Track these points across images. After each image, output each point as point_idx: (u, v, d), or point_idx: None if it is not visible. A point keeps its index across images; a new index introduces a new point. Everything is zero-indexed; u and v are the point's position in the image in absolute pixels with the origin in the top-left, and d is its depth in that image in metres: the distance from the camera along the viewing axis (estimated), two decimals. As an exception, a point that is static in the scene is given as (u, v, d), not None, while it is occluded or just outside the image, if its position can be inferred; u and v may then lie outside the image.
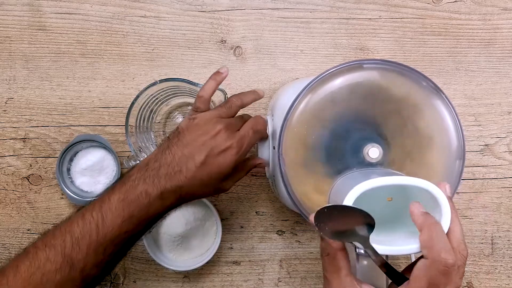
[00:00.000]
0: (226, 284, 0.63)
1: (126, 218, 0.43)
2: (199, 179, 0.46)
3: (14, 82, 0.63)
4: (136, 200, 0.44)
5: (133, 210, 0.44)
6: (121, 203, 0.44)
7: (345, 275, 0.41)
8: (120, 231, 0.44)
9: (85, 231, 0.43)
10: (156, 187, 0.44)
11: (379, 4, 0.63)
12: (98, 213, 0.44)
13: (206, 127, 0.47)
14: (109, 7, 0.63)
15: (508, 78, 0.64)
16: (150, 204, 0.44)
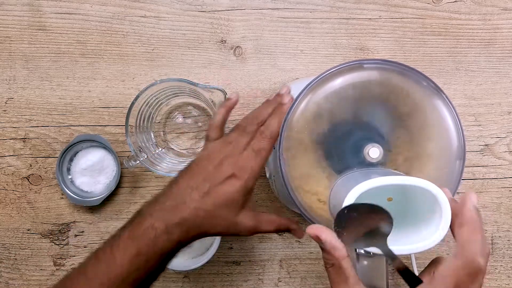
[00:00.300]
0: (226, 284, 0.63)
1: (134, 255, 0.42)
2: (204, 209, 0.43)
3: (14, 82, 0.63)
4: (142, 235, 0.42)
5: (140, 247, 0.42)
6: (129, 240, 0.42)
7: (354, 283, 0.39)
8: (130, 269, 0.42)
9: (97, 270, 0.42)
10: (161, 221, 0.43)
11: (379, 4, 0.63)
12: (109, 251, 0.42)
13: (212, 157, 0.46)
14: (109, 7, 0.63)
15: (508, 78, 0.64)
16: (156, 238, 0.42)
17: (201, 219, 0.43)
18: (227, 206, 0.44)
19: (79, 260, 0.62)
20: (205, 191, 0.43)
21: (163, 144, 0.63)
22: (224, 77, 0.63)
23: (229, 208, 0.44)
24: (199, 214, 0.43)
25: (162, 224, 0.42)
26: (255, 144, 0.46)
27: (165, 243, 0.43)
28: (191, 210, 0.43)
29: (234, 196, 0.44)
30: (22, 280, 0.62)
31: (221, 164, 0.44)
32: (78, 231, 0.63)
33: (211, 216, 0.44)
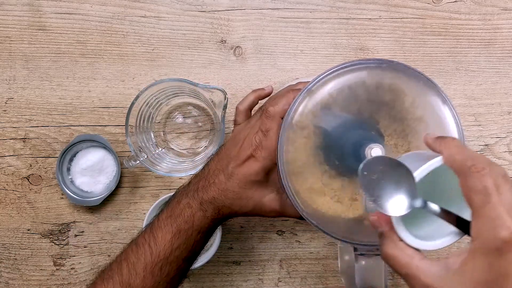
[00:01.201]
0: (226, 284, 0.63)
1: (175, 232, 0.44)
2: (231, 190, 0.46)
3: (14, 82, 0.63)
4: (180, 214, 0.45)
5: (179, 224, 0.45)
6: (168, 219, 0.45)
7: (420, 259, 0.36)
8: (172, 247, 0.44)
9: (139, 254, 0.44)
10: (196, 199, 0.46)
11: (379, 4, 0.63)
12: (149, 234, 0.45)
13: (236, 139, 0.48)
14: (109, 7, 0.63)
15: (508, 78, 0.64)
16: (193, 215, 0.45)
17: (230, 200, 0.46)
18: (251, 186, 0.46)
19: (79, 260, 0.62)
20: (229, 173, 0.46)
21: (163, 144, 0.63)
22: (224, 77, 0.63)
23: (252, 188, 0.46)
24: (227, 195, 0.46)
25: (197, 202, 0.46)
26: (262, 124, 0.47)
27: (201, 219, 0.45)
28: (220, 191, 0.46)
29: (254, 176, 0.46)
30: (22, 280, 0.62)
31: (242, 146, 0.46)
32: (78, 231, 0.63)
33: (238, 197, 0.46)
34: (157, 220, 0.46)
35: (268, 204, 0.47)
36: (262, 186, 0.47)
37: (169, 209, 0.46)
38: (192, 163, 0.60)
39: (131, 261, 0.44)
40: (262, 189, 0.47)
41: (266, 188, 0.47)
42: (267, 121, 0.46)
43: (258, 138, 0.46)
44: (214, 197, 0.46)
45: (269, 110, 0.46)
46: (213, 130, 0.63)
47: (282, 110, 0.46)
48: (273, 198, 0.47)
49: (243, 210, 0.47)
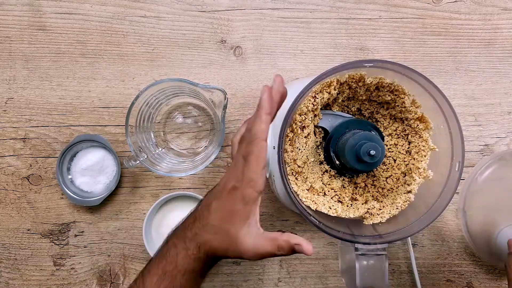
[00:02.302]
0: (226, 284, 0.63)
1: (160, 274, 0.43)
2: (212, 224, 0.42)
3: (14, 82, 0.63)
4: (166, 254, 0.43)
5: (164, 265, 0.43)
6: (156, 260, 0.44)
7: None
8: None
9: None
10: (181, 238, 0.44)
11: (379, 4, 0.63)
12: (140, 278, 0.44)
13: (226, 173, 0.45)
14: (109, 7, 0.63)
15: (508, 78, 0.64)
16: (176, 255, 0.43)
17: (210, 235, 0.42)
18: (230, 219, 0.42)
19: (79, 260, 0.62)
20: (214, 207, 0.43)
21: (163, 144, 0.63)
22: (224, 77, 0.63)
23: (232, 221, 0.42)
24: (208, 229, 0.43)
25: (182, 240, 0.43)
26: (242, 150, 0.42)
27: (185, 259, 0.43)
28: (201, 226, 0.43)
29: (234, 207, 0.42)
30: (22, 280, 0.62)
31: (228, 178, 0.43)
32: (78, 231, 0.63)
33: (216, 231, 0.42)
34: (150, 261, 0.45)
35: (244, 239, 0.41)
36: (240, 219, 0.42)
37: (160, 249, 0.45)
38: (192, 163, 0.60)
39: None
40: (240, 222, 0.42)
41: (244, 222, 0.42)
42: (248, 147, 0.41)
43: (239, 167, 0.42)
44: (196, 233, 0.43)
45: (249, 136, 0.41)
46: (213, 130, 0.63)
47: (260, 131, 0.40)
48: (248, 232, 0.42)
49: (222, 246, 0.42)
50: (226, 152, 0.63)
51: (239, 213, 0.41)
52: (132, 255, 0.63)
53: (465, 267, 0.63)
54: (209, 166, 0.62)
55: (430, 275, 0.63)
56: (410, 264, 0.62)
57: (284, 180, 0.48)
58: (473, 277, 0.63)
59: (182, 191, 0.61)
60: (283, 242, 0.41)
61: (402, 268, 0.63)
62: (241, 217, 0.41)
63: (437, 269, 0.63)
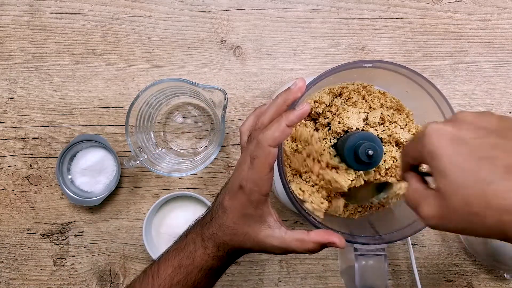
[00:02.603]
0: (226, 284, 0.63)
1: (176, 266, 0.43)
2: (227, 225, 0.42)
3: (14, 82, 0.63)
4: (184, 248, 0.43)
5: (181, 258, 0.43)
6: (174, 252, 0.44)
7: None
8: (171, 282, 0.42)
9: (143, 285, 0.43)
10: (199, 234, 0.43)
11: (379, 4, 0.63)
12: (156, 265, 0.44)
13: (236, 168, 0.43)
14: (109, 7, 0.63)
15: (508, 78, 0.64)
16: (195, 251, 0.43)
17: (228, 236, 0.42)
18: (244, 221, 0.41)
19: (79, 260, 0.62)
20: (224, 207, 0.42)
21: (163, 144, 0.63)
22: (224, 77, 0.63)
23: (246, 224, 0.41)
24: (224, 230, 0.42)
25: (200, 237, 0.43)
26: (249, 150, 0.40)
27: (202, 256, 0.42)
28: (218, 226, 0.42)
29: (246, 211, 0.41)
30: (22, 280, 0.62)
31: (234, 176, 0.42)
32: (78, 231, 0.63)
33: (234, 233, 0.42)
34: (167, 250, 0.45)
35: (267, 240, 0.41)
36: (256, 221, 0.41)
37: (179, 240, 0.45)
38: (192, 163, 0.60)
39: None
40: (256, 224, 0.41)
41: (261, 223, 0.41)
42: (255, 149, 0.39)
43: (246, 167, 0.40)
44: (214, 233, 0.42)
45: (258, 138, 0.39)
46: (213, 130, 0.63)
47: (271, 139, 0.38)
48: (270, 234, 0.41)
49: (244, 246, 0.42)
50: (226, 152, 0.63)
51: (253, 217, 0.41)
52: (132, 255, 0.63)
53: (465, 267, 0.63)
54: (209, 166, 0.62)
55: (430, 275, 0.63)
56: (410, 264, 0.62)
57: (284, 180, 0.48)
58: (473, 277, 0.63)
59: (182, 191, 0.61)
60: (313, 245, 0.41)
61: (402, 268, 0.63)
62: (256, 220, 0.41)
63: (437, 269, 0.63)
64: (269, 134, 0.38)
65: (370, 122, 0.53)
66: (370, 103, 0.55)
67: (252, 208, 0.40)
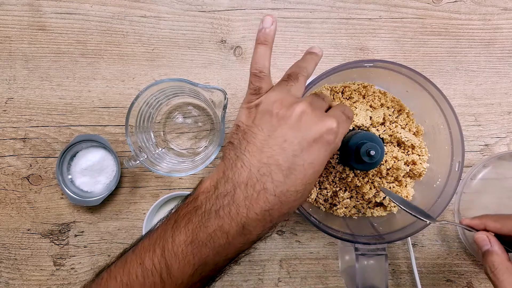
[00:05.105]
0: (226, 284, 0.63)
1: (198, 265, 0.33)
2: (294, 191, 0.33)
3: (14, 82, 0.63)
4: (209, 242, 0.32)
5: (206, 256, 0.33)
6: (189, 247, 0.32)
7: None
8: (193, 281, 0.33)
9: (147, 285, 0.33)
10: (235, 221, 0.32)
11: (379, 4, 0.63)
12: (161, 260, 0.33)
13: (282, 113, 0.34)
14: (109, 7, 0.63)
15: (508, 78, 0.64)
16: (228, 244, 0.33)
17: (288, 204, 0.34)
18: (315, 178, 0.34)
19: (79, 260, 0.62)
20: (289, 166, 0.33)
21: (163, 144, 0.63)
22: (224, 77, 0.63)
23: (315, 180, 0.35)
24: (287, 200, 0.33)
25: (236, 225, 0.33)
26: (341, 106, 0.39)
27: (239, 246, 0.34)
28: (276, 198, 0.33)
29: (323, 164, 0.34)
30: (22, 280, 0.62)
31: (303, 120, 0.35)
32: (78, 231, 0.63)
33: (299, 197, 0.34)
34: (172, 241, 0.33)
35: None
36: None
37: (191, 228, 0.33)
38: (192, 163, 0.60)
39: None
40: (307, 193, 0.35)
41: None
42: (348, 111, 0.37)
43: (338, 116, 0.35)
44: (267, 210, 0.33)
45: (346, 109, 0.37)
46: (213, 130, 0.63)
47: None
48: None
49: (294, 210, 0.35)
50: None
51: (321, 171, 0.37)
52: (132, 255, 0.63)
53: (465, 267, 0.63)
54: (209, 166, 0.62)
55: (430, 275, 0.63)
56: (410, 264, 0.62)
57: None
58: (473, 277, 0.63)
59: (182, 191, 0.61)
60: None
61: (402, 268, 0.63)
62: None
63: (437, 269, 0.63)
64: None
65: (373, 122, 0.53)
66: (371, 102, 0.55)
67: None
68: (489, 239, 0.42)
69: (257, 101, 0.37)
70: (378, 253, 0.47)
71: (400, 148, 0.55)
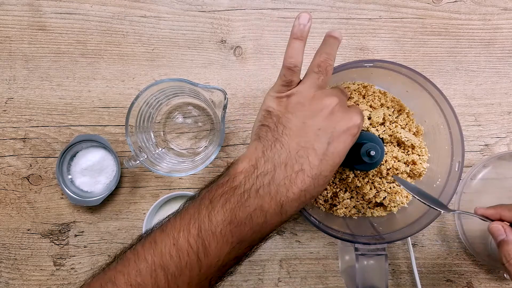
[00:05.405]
0: (226, 284, 0.63)
1: (236, 243, 0.34)
2: (324, 175, 0.35)
3: (14, 82, 0.63)
4: (248, 221, 0.33)
5: (243, 235, 0.34)
6: (227, 226, 0.33)
7: None
8: (229, 259, 0.35)
9: (183, 265, 0.33)
10: (275, 201, 0.34)
11: (379, 4, 0.63)
12: (197, 240, 0.33)
13: (315, 105, 0.37)
14: (109, 7, 0.63)
15: (508, 78, 0.64)
16: (266, 223, 0.34)
17: (319, 187, 0.36)
18: (338, 165, 0.37)
19: (79, 260, 0.62)
20: (323, 151, 0.35)
21: (163, 144, 0.63)
22: (224, 77, 0.63)
23: (337, 167, 0.37)
24: (319, 182, 0.35)
25: (275, 205, 0.34)
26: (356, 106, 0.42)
27: (275, 224, 0.35)
28: (311, 179, 0.35)
29: (345, 153, 0.37)
30: (22, 280, 0.62)
31: (334, 114, 0.38)
32: (78, 231, 0.63)
33: (326, 181, 0.36)
34: (209, 221, 0.33)
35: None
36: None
37: (229, 208, 0.33)
38: (192, 163, 0.60)
39: (170, 271, 0.33)
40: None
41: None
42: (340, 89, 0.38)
43: (359, 111, 0.38)
44: (303, 190, 0.34)
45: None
46: (213, 130, 0.63)
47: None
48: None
49: (313, 200, 0.38)
50: (226, 152, 0.63)
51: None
52: (132, 255, 0.63)
53: (465, 267, 0.63)
54: (209, 166, 0.62)
55: (430, 275, 0.63)
56: (410, 264, 0.62)
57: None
58: (473, 277, 0.63)
59: (182, 191, 0.61)
60: None
61: (402, 268, 0.63)
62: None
63: (437, 269, 0.63)
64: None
65: (373, 122, 0.53)
66: (371, 102, 0.55)
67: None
68: (504, 228, 0.42)
69: (288, 92, 0.39)
70: (378, 253, 0.47)
71: (400, 148, 0.55)
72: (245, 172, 0.35)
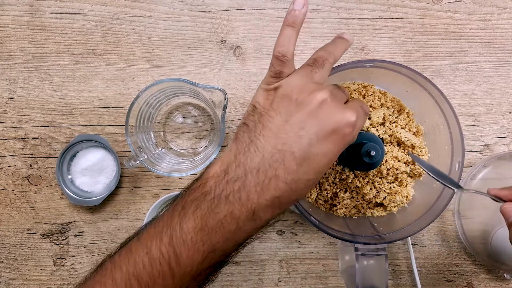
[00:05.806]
0: (226, 284, 0.63)
1: (208, 252, 0.32)
2: (305, 179, 0.33)
3: (14, 82, 0.63)
4: (219, 228, 0.32)
5: (216, 242, 0.32)
6: (198, 234, 0.32)
7: None
8: (202, 268, 0.33)
9: (155, 274, 0.32)
10: (245, 207, 0.32)
11: (379, 4, 0.63)
12: (169, 249, 0.32)
13: (301, 98, 0.33)
14: (109, 7, 0.63)
15: (508, 78, 0.64)
16: (238, 229, 0.32)
17: (298, 192, 0.33)
18: (326, 169, 0.34)
19: (79, 260, 0.62)
20: (303, 155, 0.33)
21: (163, 144, 0.63)
22: (224, 77, 0.63)
23: (325, 171, 0.34)
24: (297, 187, 0.33)
25: (246, 211, 0.32)
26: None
27: (249, 232, 0.33)
28: (287, 185, 0.32)
29: (336, 156, 0.34)
30: (22, 280, 0.62)
31: (323, 108, 0.34)
32: (78, 231, 0.63)
33: (310, 185, 0.34)
34: (180, 229, 0.32)
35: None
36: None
37: (199, 215, 0.32)
38: (192, 163, 0.60)
39: (144, 281, 0.32)
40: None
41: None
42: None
43: (357, 108, 0.34)
44: (277, 197, 0.32)
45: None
46: (213, 130, 0.63)
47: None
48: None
49: (302, 197, 0.35)
50: (226, 152, 0.63)
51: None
52: (132, 255, 0.63)
53: (465, 267, 0.63)
54: (209, 166, 0.62)
55: (430, 275, 0.63)
56: (410, 264, 0.62)
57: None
58: (473, 277, 0.63)
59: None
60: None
61: (402, 268, 0.63)
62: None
63: (437, 269, 0.63)
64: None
65: (373, 122, 0.53)
66: (371, 102, 0.55)
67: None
68: None
69: (276, 84, 0.36)
70: (378, 253, 0.47)
71: (400, 148, 0.55)
72: (216, 177, 0.33)
